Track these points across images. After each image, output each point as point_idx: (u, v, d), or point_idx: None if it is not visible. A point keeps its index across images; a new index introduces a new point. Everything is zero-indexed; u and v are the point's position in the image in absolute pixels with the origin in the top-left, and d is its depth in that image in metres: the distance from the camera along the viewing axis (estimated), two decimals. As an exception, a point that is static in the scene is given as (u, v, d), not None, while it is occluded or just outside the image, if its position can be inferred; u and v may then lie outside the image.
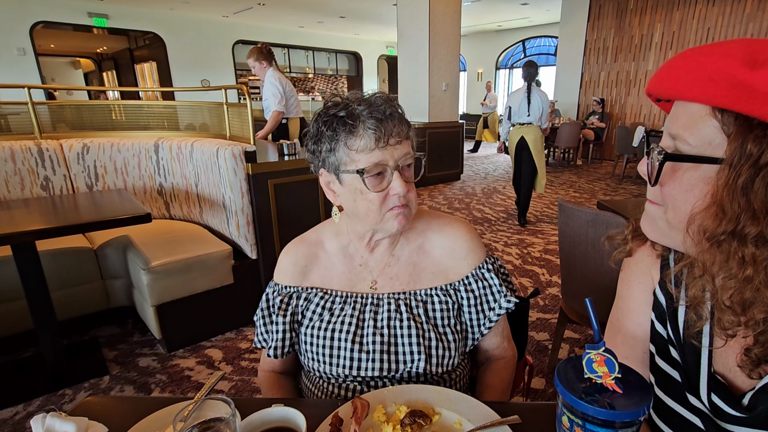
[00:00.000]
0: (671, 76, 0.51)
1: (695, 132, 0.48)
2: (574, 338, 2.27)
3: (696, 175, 0.49)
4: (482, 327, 0.87)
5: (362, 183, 0.74)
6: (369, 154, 0.73)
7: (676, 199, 0.51)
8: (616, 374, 0.50)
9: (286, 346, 0.87)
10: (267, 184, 2.31)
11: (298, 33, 12.07)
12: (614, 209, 1.78)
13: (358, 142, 0.73)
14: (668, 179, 0.52)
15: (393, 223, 0.78)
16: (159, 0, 8.74)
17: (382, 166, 0.74)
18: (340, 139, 0.74)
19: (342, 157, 0.75)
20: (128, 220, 1.76)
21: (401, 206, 0.77)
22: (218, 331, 2.35)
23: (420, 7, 5.65)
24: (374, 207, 0.76)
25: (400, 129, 0.75)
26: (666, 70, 0.52)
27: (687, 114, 0.50)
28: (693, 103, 0.49)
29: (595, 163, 8.30)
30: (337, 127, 0.74)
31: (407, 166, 0.78)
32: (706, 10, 6.98)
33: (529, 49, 12.54)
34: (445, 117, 6.29)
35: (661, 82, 0.53)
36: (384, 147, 0.73)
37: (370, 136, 0.72)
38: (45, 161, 2.41)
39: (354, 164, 0.74)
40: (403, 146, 0.75)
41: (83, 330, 2.36)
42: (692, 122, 0.49)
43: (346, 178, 0.76)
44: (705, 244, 0.48)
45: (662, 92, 0.53)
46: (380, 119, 0.72)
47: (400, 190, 0.75)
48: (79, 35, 10.42)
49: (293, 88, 4.03)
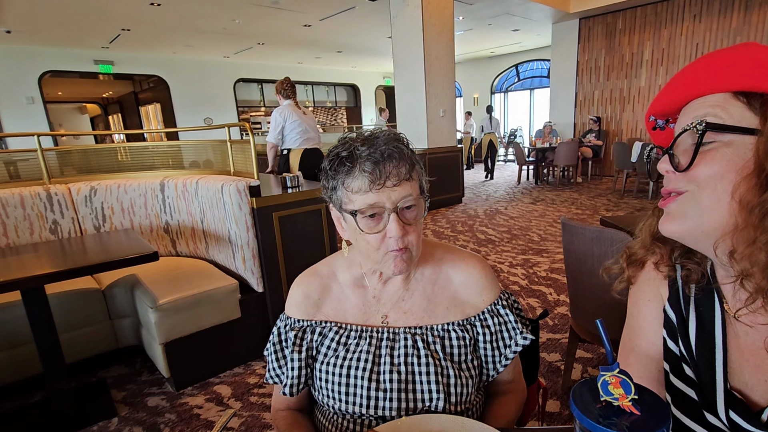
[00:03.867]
0: (686, 80, 0.54)
1: (725, 110, 0.50)
2: (587, 357, 2.23)
3: (729, 151, 0.49)
4: (498, 365, 0.86)
5: (357, 224, 0.74)
6: (363, 195, 0.72)
7: (712, 176, 0.50)
8: (632, 396, 0.50)
9: (302, 383, 0.85)
10: (272, 217, 2.33)
11: (297, 68, 12.41)
12: (617, 225, 1.78)
13: (354, 183, 0.73)
14: (700, 159, 0.51)
15: (390, 266, 0.76)
16: (162, 45, 9.06)
17: (377, 208, 0.73)
18: (339, 179, 0.75)
19: (341, 196, 0.76)
20: (135, 259, 1.77)
21: (399, 250, 0.75)
22: (226, 366, 2.32)
23: (414, 38, 5.83)
24: (372, 248, 0.76)
25: (399, 170, 0.73)
26: (678, 80, 0.55)
27: (707, 103, 0.52)
28: (712, 95, 0.51)
29: (595, 180, 8.33)
30: (338, 167, 0.74)
31: (407, 207, 0.74)
32: (693, 26, 7.16)
33: (523, 72, 12.81)
34: (444, 142, 6.38)
35: (672, 92, 0.56)
36: (380, 189, 0.72)
37: (365, 179, 0.72)
38: (54, 205, 2.45)
39: (351, 204, 0.74)
40: (403, 188, 0.73)
41: (91, 371, 2.34)
42: (717, 104, 0.51)
43: (347, 216, 0.77)
44: (751, 216, 0.48)
45: (676, 99, 0.56)
46: (376, 161, 0.71)
47: (396, 233, 0.73)
48: (86, 82, 10.77)
49: (303, 120, 4.10)
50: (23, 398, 2.13)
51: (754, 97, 0.48)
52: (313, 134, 4.17)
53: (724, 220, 0.50)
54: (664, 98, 0.58)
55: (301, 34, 8.77)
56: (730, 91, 0.50)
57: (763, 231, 0.47)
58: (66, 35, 7.73)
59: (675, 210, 0.55)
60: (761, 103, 0.48)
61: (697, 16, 7.09)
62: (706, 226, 0.52)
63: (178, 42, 8.87)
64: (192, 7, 6.69)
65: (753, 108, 0.48)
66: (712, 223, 0.51)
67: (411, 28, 5.84)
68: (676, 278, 0.63)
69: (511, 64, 12.65)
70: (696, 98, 0.54)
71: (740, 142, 0.49)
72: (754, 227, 0.48)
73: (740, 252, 0.50)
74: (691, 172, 0.52)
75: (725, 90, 0.50)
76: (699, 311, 0.60)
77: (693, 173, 0.52)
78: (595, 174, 8.62)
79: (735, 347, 0.56)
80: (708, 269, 0.61)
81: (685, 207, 0.54)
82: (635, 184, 6.74)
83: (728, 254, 0.51)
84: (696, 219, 0.53)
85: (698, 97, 0.53)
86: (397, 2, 5.93)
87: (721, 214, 0.50)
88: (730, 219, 0.50)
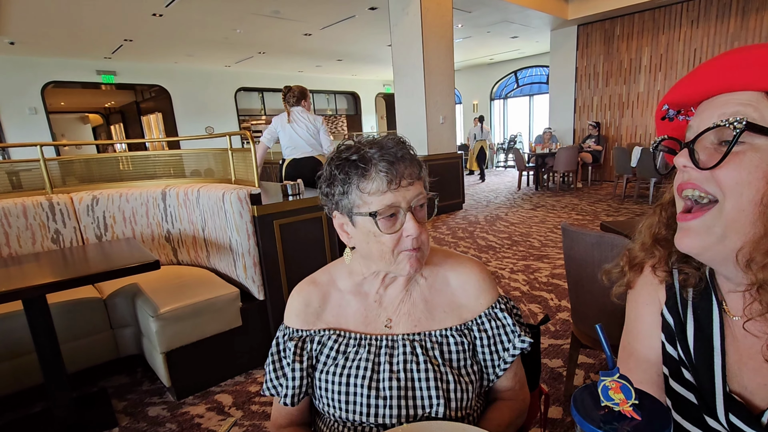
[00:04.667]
0: (719, 71, 0.50)
1: (758, 110, 0.47)
2: (589, 363, 2.21)
3: (757, 156, 0.46)
4: (497, 368, 0.86)
5: (375, 225, 0.74)
6: (381, 196, 0.73)
7: (739, 182, 0.47)
8: (633, 401, 0.50)
9: (302, 393, 0.85)
10: (272, 224, 2.34)
11: (298, 77, 12.49)
12: (618, 230, 1.78)
13: (370, 185, 0.73)
14: (729, 160, 0.48)
15: (405, 266, 0.78)
16: (164, 55, 9.14)
17: (394, 207, 0.74)
18: (353, 183, 0.75)
19: (355, 200, 0.76)
20: (137, 268, 1.78)
21: (413, 249, 0.77)
22: (227, 375, 2.31)
23: (414, 46, 5.87)
24: (387, 249, 0.76)
25: (411, 170, 0.75)
26: (707, 70, 0.51)
27: (736, 99, 0.48)
28: (743, 92, 0.48)
29: (595, 185, 8.33)
30: (349, 170, 0.75)
31: (420, 206, 0.77)
32: (691, 32, 7.20)
33: (522, 78, 12.87)
34: (444, 149, 6.40)
35: (697, 83, 0.52)
36: (396, 189, 0.73)
37: (382, 179, 0.73)
38: (56, 215, 2.46)
39: (367, 207, 0.74)
40: (416, 187, 0.76)
41: (92, 381, 2.33)
42: (749, 103, 0.47)
43: (359, 220, 0.77)
44: None
45: (700, 91, 0.52)
46: (391, 161, 0.73)
47: (414, 231, 0.75)
48: (88, 92, 10.86)
49: (291, 129, 3.92)
50: (24, 409, 2.13)
51: None
52: (301, 143, 3.95)
53: (746, 228, 0.48)
54: (686, 88, 0.54)
55: (301, 43, 8.85)
56: (765, 90, 0.46)
57: None
58: (69, 46, 7.80)
59: (698, 226, 0.52)
60: None
61: (694, 21, 7.13)
62: (727, 242, 0.50)
63: (180, 52, 8.95)
64: (193, 18, 6.76)
65: None
66: (733, 232, 0.49)
67: (410, 36, 5.88)
68: (674, 282, 0.63)
69: (510, 70, 12.72)
70: (724, 93, 0.50)
71: (766, 146, 0.46)
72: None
73: (759, 261, 0.48)
74: (716, 173, 0.48)
75: (761, 89, 0.47)
76: (697, 315, 0.60)
77: (719, 174, 0.48)
78: (595, 179, 8.62)
79: (733, 351, 0.56)
80: (706, 273, 0.61)
81: (711, 222, 0.50)
82: (635, 189, 6.74)
83: (745, 263, 0.49)
84: (719, 235, 0.50)
85: (727, 92, 0.49)
86: (396, 11, 5.99)
87: (744, 223, 0.48)
88: (752, 227, 0.48)
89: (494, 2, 6.72)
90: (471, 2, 6.70)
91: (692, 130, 0.53)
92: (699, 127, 0.51)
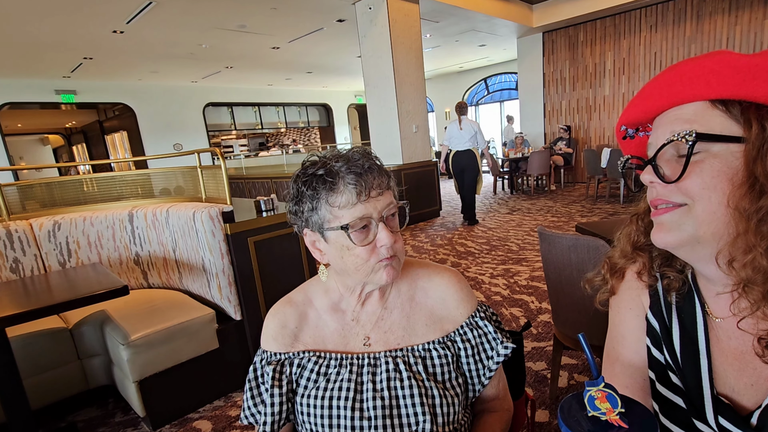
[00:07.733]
0: (662, 89, 0.53)
1: (705, 121, 0.49)
2: (572, 364, 2.23)
3: (717, 161, 0.49)
4: (483, 377, 0.85)
5: (348, 239, 0.73)
6: (352, 209, 0.72)
7: (704, 188, 0.49)
8: (619, 409, 0.49)
9: (282, 419, 0.82)
10: (247, 242, 2.28)
11: (268, 90, 12.42)
12: (593, 231, 1.81)
13: (339, 199, 0.72)
14: (690, 171, 0.50)
15: (382, 275, 0.76)
16: (127, 72, 8.93)
17: (366, 219, 0.73)
18: (321, 198, 0.73)
19: (325, 215, 0.74)
20: (104, 294, 1.69)
21: (389, 258, 0.76)
22: (205, 400, 2.22)
23: (383, 57, 5.91)
24: (362, 261, 0.75)
25: (380, 180, 0.75)
26: (652, 88, 0.54)
27: (684, 114, 0.51)
28: (688, 105, 0.51)
29: (568, 187, 8.53)
30: (317, 185, 0.73)
31: (391, 216, 0.77)
32: (650, 36, 7.52)
33: (492, 85, 13.16)
34: (418, 157, 6.44)
35: (646, 101, 0.55)
36: (366, 200, 0.72)
37: (351, 191, 0.72)
38: (14, 243, 2.33)
39: (338, 221, 0.73)
40: (386, 197, 0.75)
41: (60, 416, 2.20)
42: (696, 116, 0.50)
43: (331, 235, 0.75)
44: (749, 222, 0.48)
45: (650, 109, 0.55)
46: (359, 173, 0.72)
47: (387, 241, 0.74)
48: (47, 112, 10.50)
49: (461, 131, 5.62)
50: (-16, 452, 1.98)
51: (732, 104, 0.48)
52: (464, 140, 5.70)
53: (720, 230, 0.50)
54: (637, 107, 0.57)
55: (270, 57, 8.80)
56: (707, 100, 0.49)
57: (762, 237, 0.47)
58: (24, 66, 7.52)
59: (669, 221, 0.53)
60: (740, 110, 0.48)
61: (653, 26, 7.45)
62: (702, 236, 0.51)
63: (144, 69, 8.76)
64: (156, 34, 6.63)
65: (733, 116, 0.48)
66: (708, 234, 0.50)
67: (380, 47, 5.93)
68: (657, 286, 0.62)
69: (480, 78, 12.99)
70: (671, 107, 0.53)
71: (727, 152, 0.49)
72: (753, 234, 0.47)
73: (740, 260, 0.49)
74: (681, 184, 0.51)
75: (704, 98, 0.49)
76: (681, 318, 0.60)
77: (684, 185, 0.51)
78: (568, 181, 8.84)
79: (718, 352, 0.56)
80: (689, 276, 0.61)
81: (680, 219, 0.52)
82: (607, 190, 6.93)
83: (727, 263, 0.51)
84: (692, 231, 0.51)
85: (674, 106, 0.52)
86: (364, 22, 6.03)
87: (717, 225, 0.50)
88: (726, 228, 0.49)
89: (461, 12, 6.85)
90: (438, 12, 6.82)
91: (652, 147, 0.55)
92: (657, 143, 0.53)
